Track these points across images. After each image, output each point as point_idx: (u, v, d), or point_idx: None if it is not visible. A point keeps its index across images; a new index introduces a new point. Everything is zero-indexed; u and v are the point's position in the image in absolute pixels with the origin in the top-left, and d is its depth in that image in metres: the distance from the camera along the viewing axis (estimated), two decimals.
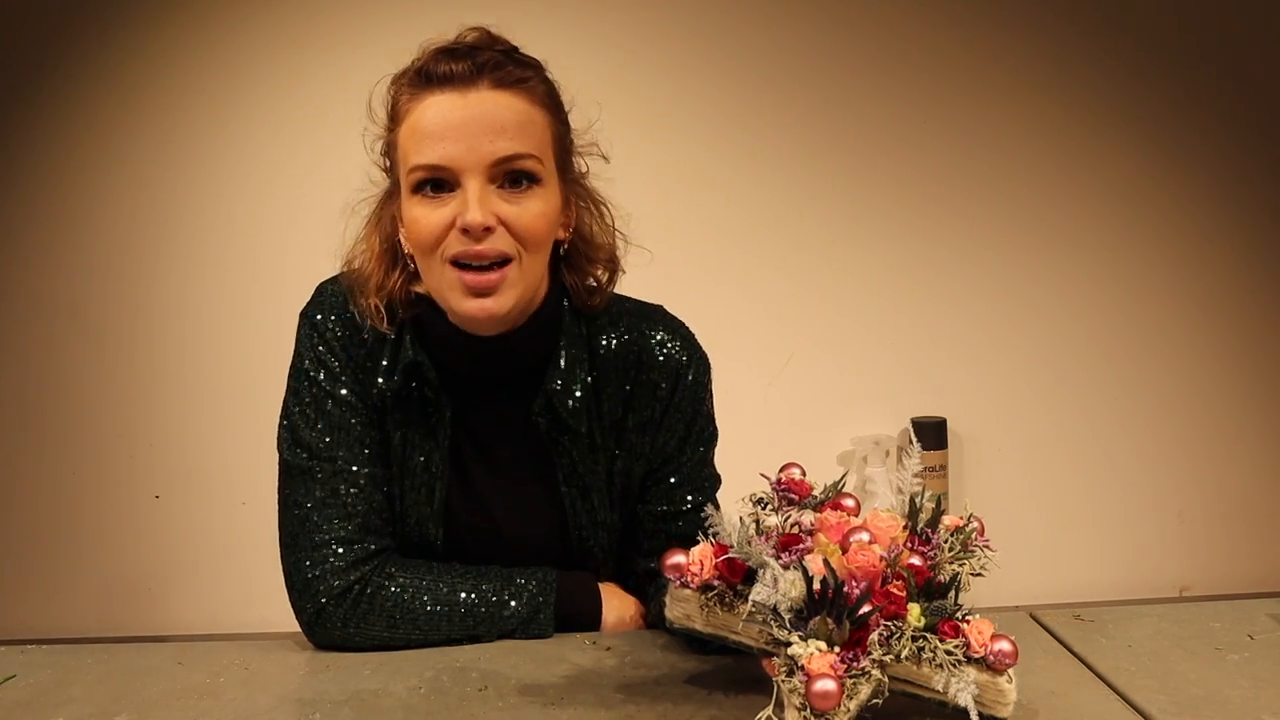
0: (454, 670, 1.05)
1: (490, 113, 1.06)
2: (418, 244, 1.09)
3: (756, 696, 0.91)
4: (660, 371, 1.18)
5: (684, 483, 1.21)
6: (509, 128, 1.06)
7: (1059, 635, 1.11)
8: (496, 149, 1.05)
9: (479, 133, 1.05)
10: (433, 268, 1.09)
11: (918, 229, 2.68)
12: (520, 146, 1.06)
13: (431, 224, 1.07)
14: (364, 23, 2.53)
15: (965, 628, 0.88)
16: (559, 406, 1.14)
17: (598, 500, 1.19)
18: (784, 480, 0.99)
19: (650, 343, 1.19)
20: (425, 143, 1.06)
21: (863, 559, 0.86)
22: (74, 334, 2.62)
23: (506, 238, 1.06)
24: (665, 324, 1.21)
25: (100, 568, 2.66)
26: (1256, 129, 2.70)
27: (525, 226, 1.07)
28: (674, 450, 1.20)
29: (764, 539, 0.90)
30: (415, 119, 1.08)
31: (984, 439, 2.74)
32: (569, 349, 1.16)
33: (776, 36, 2.62)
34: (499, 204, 1.06)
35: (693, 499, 1.20)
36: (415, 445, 1.16)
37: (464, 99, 1.06)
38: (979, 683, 0.86)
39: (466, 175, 1.05)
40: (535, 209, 1.08)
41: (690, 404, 1.19)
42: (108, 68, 2.56)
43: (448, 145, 1.05)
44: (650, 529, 1.21)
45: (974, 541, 0.94)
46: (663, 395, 1.18)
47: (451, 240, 1.06)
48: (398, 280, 1.15)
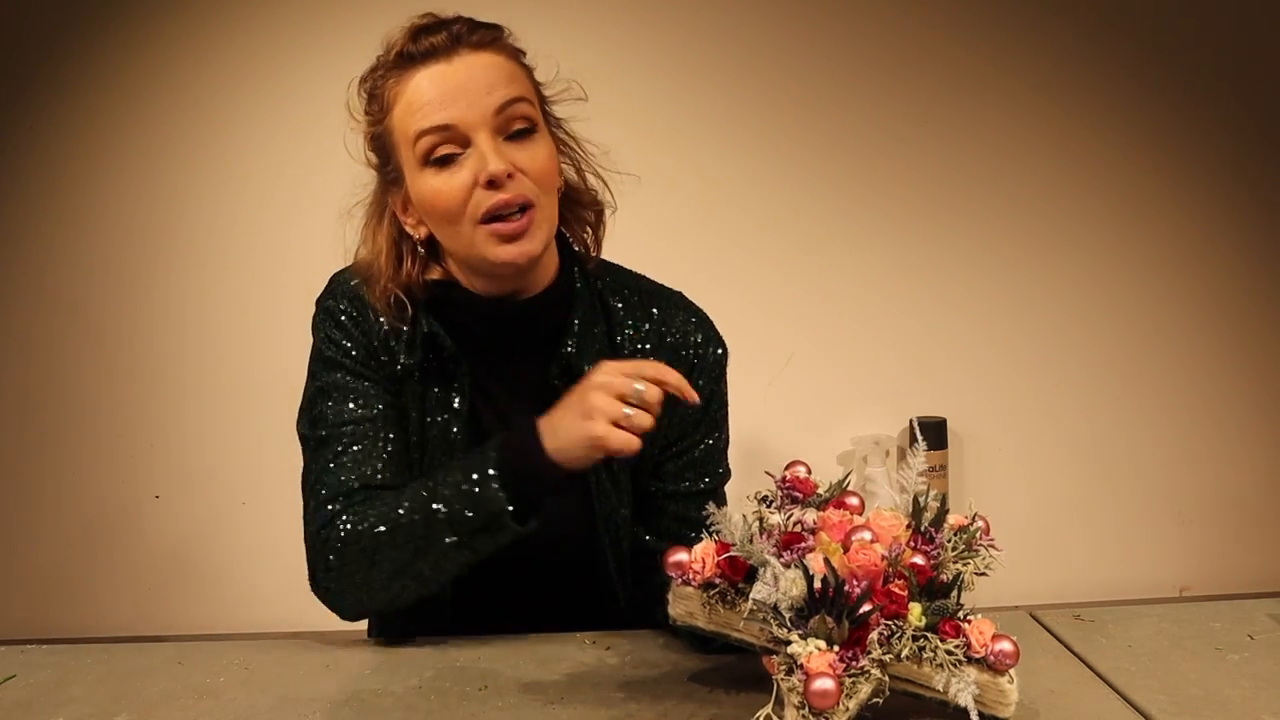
0: (454, 670, 1.05)
1: (478, 72, 1.10)
2: (441, 214, 1.11)
3: (758, 695, 0.91)
4: (681, 346, 1.21)
5: (699, 463, 1.22)
6: (499, 80, 1.10)
7: (1059, 635, 1.10)
8: (493, 99, 1.09)
9: (474, 90, 1.09)
10: (461, 233, 1.11)
11: (918, 229, 2.68)
12: (513, 92, 1.10)
13: (452, 189, 1.09)
14: (364, 23, 2.52)
15: (966, 628, 0.87)
16: (574, 369, 1.15)
17: (617, 467, 1.20)
18: (789, 478, 0.99)
19: (673, 320, 1.22)
20: (425, 109, 1.09)
21: (864, 558, 0.86)
22: (74, 334, 2.62)
23: (526, 182, 1.10)
24: (688, 307, 1.25)
25: (100, 568, 2.66)
26: (1257, 129, 2.71)
27: (540, 169, 1.11)
28: (690, 426, 1.21)
29: (766, 537, 0.90)
30: (409, 96, 1.11)
31: (984, 439, 2.74)
32: (584, 316, 1.19)
33: (776, 36, 2.62)
34: (511, 152, 1.10)
35: (707, 482, 1.22)
36: (434, 415, 1.18)
37: (450, 65, 1.10)
38: (980, 683, 0.86)
39: (475, 131, 1.09)
40: (544, 152, 1.12)
41: (710, 381, 1.21)
42: (108, 69, 2.56)
43: (449, 107, 1.09)
44: (663, 508, 1.22)
45: (979, 541, 0.94)
46: (683, 369, 1.17)
47: (477, 198, 1.09)
48: (412, 270, 1.17)
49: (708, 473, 1.22)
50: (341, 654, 1.11)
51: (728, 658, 1.03)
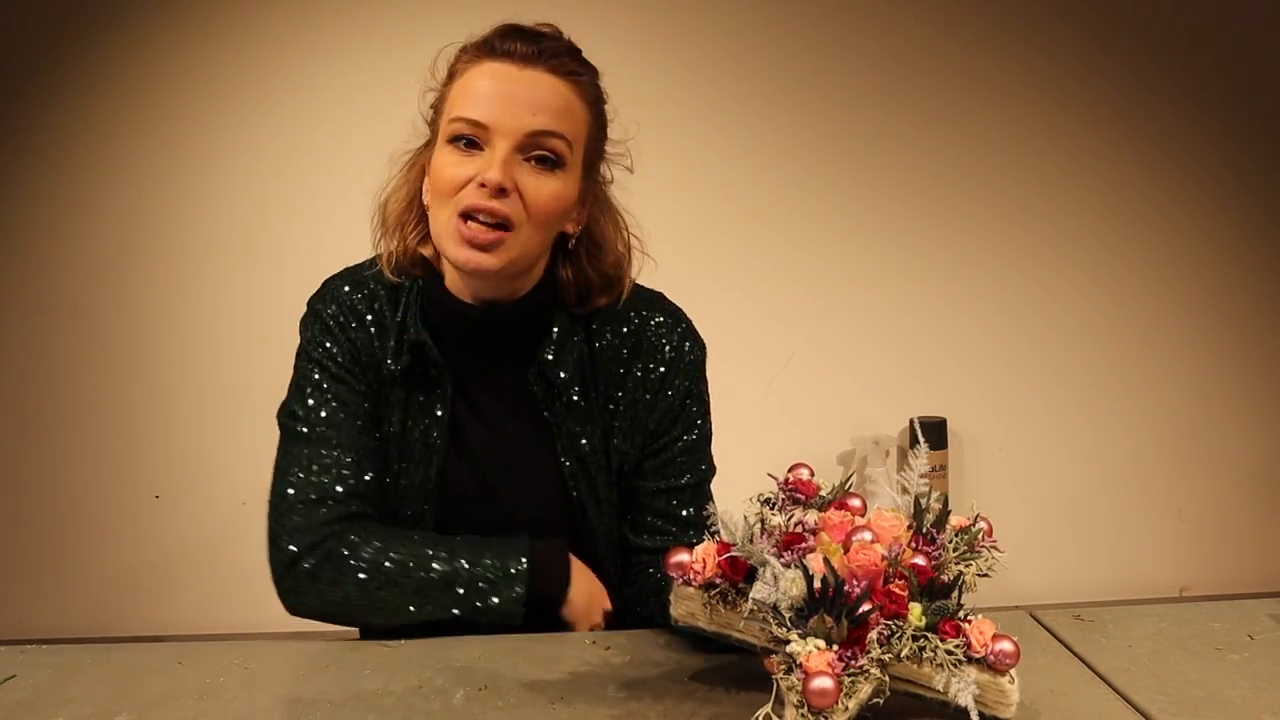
0: (454, 670, 1.05)
1: (538, 90, 1.12)
2: (437, 188, 1.14)
3: (758, 694, 0.91)
4: (658, 349, 1.23)
5: (679, 460, 1.23)
6: (550, 107, 1.12)
7: (1059, 635, 1.10)
8: (534, 121, 1.11)
9: (522, 103, 1.11)
10: (442, 215, 1.13)
11: (918, 230, 2.68)
12: (555, 125, 1.12)
13: (455, 173, 1.11)
14: (365, 23, 2.53)
15: (967, 628, 0.87)
16: (551, 375, 1.18)
17: (595, 471, 1.22)
18: (791, 480, 0.99)
19: (649, 324, 1.23)
20: (470, 99, 1.12)
21: (864, 558, 0.86)
22: (74, 334, 2.62)
23: (518, 205, 1.11)
24: (664, 308, 1.26)
25: (100, 568, 2.66)
26: (1257, 130, 2.71)
27: (539, 201, 1.12)
28: (669, 425, 1.23)
29: (767, 538, 0.90)
30: (469, 79, 1.13)
31: (984, 439, 2.74)
32: (563, 324, 1.20)
33: (777, 37, 2.62)
34: (520, 173, 1.11)
35: (689, 478, 1.23)
36: (416, 420, 1.20)
37: (519, 72, 1.12)
38: (980, 683, 0.86)
39: (498, 137, 1.10)
40: (552, 188, 1.13)
41: (687, 381, 1.23)
42: (108, 68, 2.56)
43: (491, 106, 1.11)
44: (646, 505, 1.24)
45: (981, 542, 0.94)
46: (660, 371, 1.22)
47: (467, 192, 1.10)
48: (411, 233, 1.21)
49: (689, 469, 1.24)
50: (341, 654, 1.11)
51: (728, 657, 1.03)
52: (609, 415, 1.22)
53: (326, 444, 1.17)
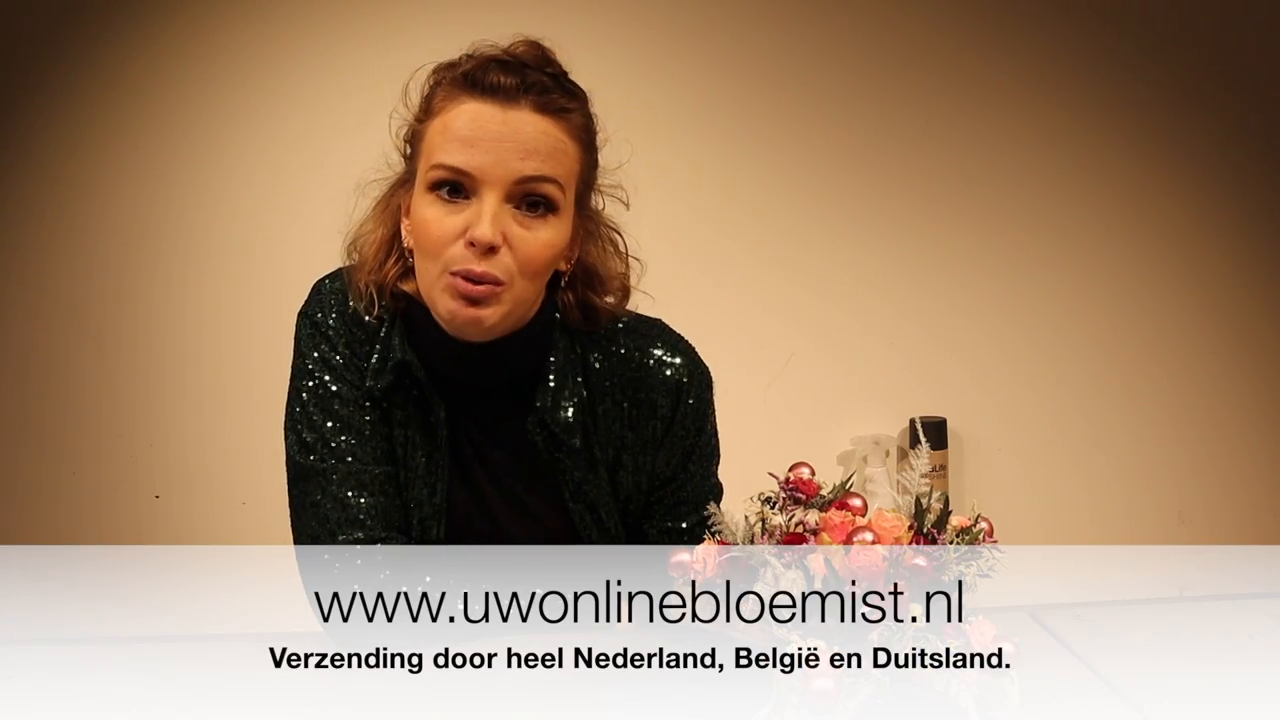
0: (454, 669, 1.05)
1: (525, 133, 1.06)
2: (422, 245, 1.09)
3: (758, 694, 0.91)
4: (660, 391, 1.18)
5: (688, 500, 1.21)
6: (540, 150, 1.07)
7: (1059, 635, 1.10)
8: (523, 168, 1.06)
9: (509, 149, 1.05)
10: (429, 270, 1.09)
11: (918, 229, 2.68)
12: (546, 170, 1.07)
13: (442, 229, 1.07)
14: (364, 22, 2.52)
15: (967, 628, 0.87)
16: (552, 424, 1.14)
17: (605, 514, 1.19)
18: (792, 480, 0.99)
19: (649, 360, 1.18)
20: (454, 145, 1.06)
21: (864, 558, 0.86)
22: (74, 334, 2.62)
23: (508, 261, 1.07)
24: (664, 340, 1.21)
25: (100, 568, 2.66)
26: (1257, 130, 2.70)
27: (530, 253, 1.08)
28: (676, 469, 1.20)
29: (767, 538, 0.90)
30: (449, 119, 1.08)
31: (984, 439, 2.74)
32: (560, 366, 1.16)
33: (775, 35, 2.61)
34: (510, 224, 1.07)
35: (694, 518, 1.20)
36: (416, 444, 1.16)
37: (503, 114, 1.06)
38: (980, 683, 0.86)
39: (486, 188, 1.06)
40: (544, 238, 1.08)
41: (693, 423, 1.19)
42: (107, 67, 2.56)
43: (476, 153, 1.05)
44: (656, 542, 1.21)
45: (981, 542, 0.94)
46: (664, 415, 1.18)
47: (455, 252, 1.06)
48: (391, 270, 1.15)
49: (699, 505, 1.19)
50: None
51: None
52: (612, 458, 1.18)
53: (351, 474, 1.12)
